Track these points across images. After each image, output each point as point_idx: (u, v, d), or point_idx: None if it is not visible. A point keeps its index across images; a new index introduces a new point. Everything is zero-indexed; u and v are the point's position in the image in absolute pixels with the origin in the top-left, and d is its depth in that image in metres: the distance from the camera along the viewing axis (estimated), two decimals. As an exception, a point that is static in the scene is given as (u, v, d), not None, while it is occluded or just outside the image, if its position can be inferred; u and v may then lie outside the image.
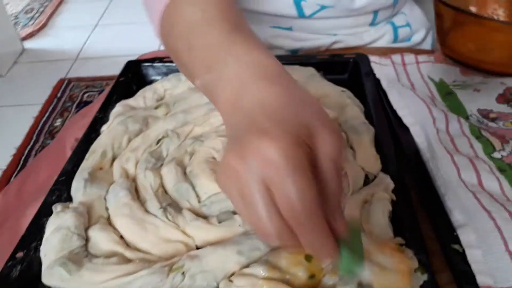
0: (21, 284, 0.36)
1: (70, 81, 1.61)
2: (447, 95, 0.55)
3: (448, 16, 0.44)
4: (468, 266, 0.35)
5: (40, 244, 0.38)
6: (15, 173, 1.22)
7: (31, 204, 0.49)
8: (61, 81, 1.61)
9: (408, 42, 0.74)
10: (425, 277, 0.34)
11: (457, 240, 0.37)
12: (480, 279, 0.34)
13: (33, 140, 1.30)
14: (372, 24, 0.70)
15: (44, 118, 1.39)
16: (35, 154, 1.27)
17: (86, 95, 1.52)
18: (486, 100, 0.54)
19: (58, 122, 1.38)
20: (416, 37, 0.74)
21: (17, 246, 0.38)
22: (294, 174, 0.26)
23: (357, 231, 0.32)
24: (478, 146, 0.47)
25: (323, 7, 0.65)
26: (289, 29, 0.69)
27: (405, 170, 0.44)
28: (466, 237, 0.37)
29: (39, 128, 1.35)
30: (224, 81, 0.33)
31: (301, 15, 0.66)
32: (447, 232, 0.38)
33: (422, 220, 0.40)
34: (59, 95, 1.52)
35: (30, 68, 1.78)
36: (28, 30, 2.03)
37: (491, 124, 0.51)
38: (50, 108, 1.44)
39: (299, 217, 0.27)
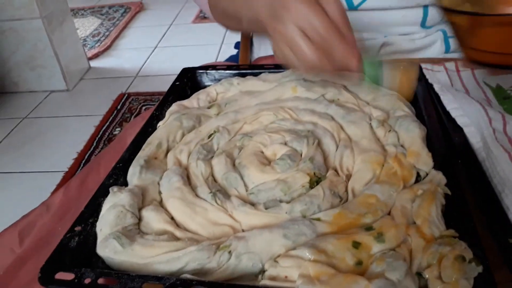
0: (78, 253, 0.38)
1: (129, 95, 1.71)
2: (505, 99, 0.53)
3: (464, 23, 0.44)
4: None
5: (97, 221, 0.41)
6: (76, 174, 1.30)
7: None
8: (121, 95, 1.72)
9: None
10: (480, 268, 0.32)
11: (515, 236, 0.35)
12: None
13: (93, 146, 1.40)
14: (423, 25, 0.69)
15: (104, 127, 1.49)
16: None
17: (143, 108, 1.60)
18: (548, 104, 0.52)
19: (116, 131, 1.47)
20: None
21: (75, 221, 0.40)
22: (313, 11, 0.41)
23: (373, 55, 0.47)
24: (538, 147, 0.45)
25: None
26: None
27: (458, 168, 0.43)
28: (525, 234, 0.35)
29: (99, 135, 1.45)
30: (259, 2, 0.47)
31: (350, 5, 0.66)
32: (503, 228, 0.36)
33: (476, 219, 0.38)
34: (119, 107, 1.62)
35: (94, 84, 1.92)
36: (94, 51, 2.20)
37: (553, 127, 0.48)
38: (110, 118, 1.54)
39: (326, 36, 0.41)
